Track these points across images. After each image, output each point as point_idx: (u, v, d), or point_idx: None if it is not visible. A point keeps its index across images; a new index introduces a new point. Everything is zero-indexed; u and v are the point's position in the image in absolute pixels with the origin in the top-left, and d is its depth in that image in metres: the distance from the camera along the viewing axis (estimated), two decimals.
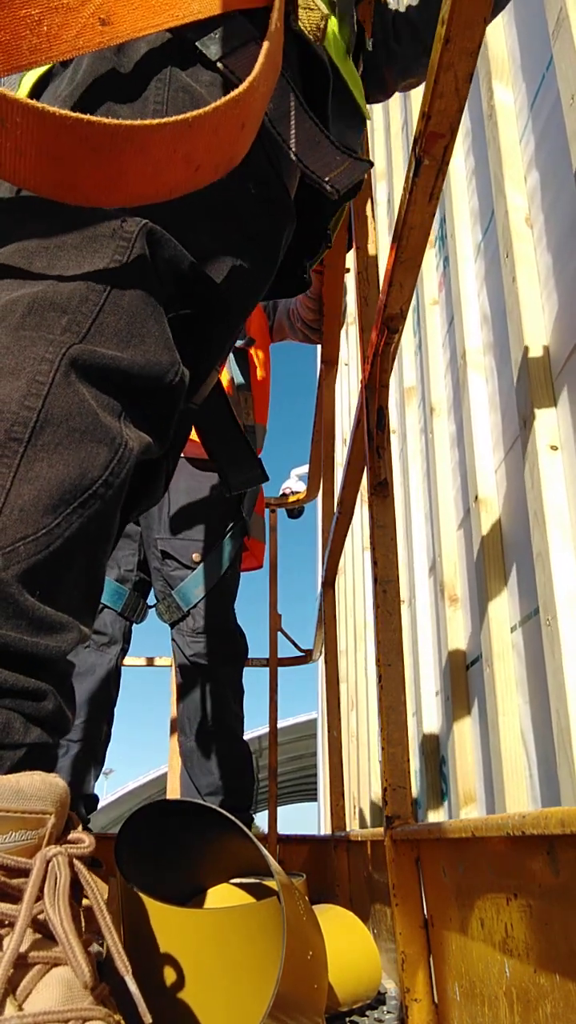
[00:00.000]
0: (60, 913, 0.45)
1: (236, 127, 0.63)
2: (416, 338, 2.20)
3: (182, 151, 0.58)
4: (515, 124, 1.32)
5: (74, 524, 0.59)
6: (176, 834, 0.89)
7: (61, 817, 0.50)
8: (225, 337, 0.81)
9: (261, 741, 9.68)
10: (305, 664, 2.95)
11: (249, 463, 1.22)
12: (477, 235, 1.60)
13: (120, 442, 0.63)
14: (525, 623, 1.21)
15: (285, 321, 2.07)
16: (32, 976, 0.44)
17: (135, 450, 0.65)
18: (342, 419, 4.20)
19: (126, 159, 0.56)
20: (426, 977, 0.79)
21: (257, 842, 0.76)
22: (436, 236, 1.96)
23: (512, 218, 1.24)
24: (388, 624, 0.95)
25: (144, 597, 1.84)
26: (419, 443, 2.13)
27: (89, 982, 0.44)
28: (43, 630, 0.57)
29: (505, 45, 1.40)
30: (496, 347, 1.44)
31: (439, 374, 1.89)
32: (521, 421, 1.15)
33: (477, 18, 0.61)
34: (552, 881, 0.49)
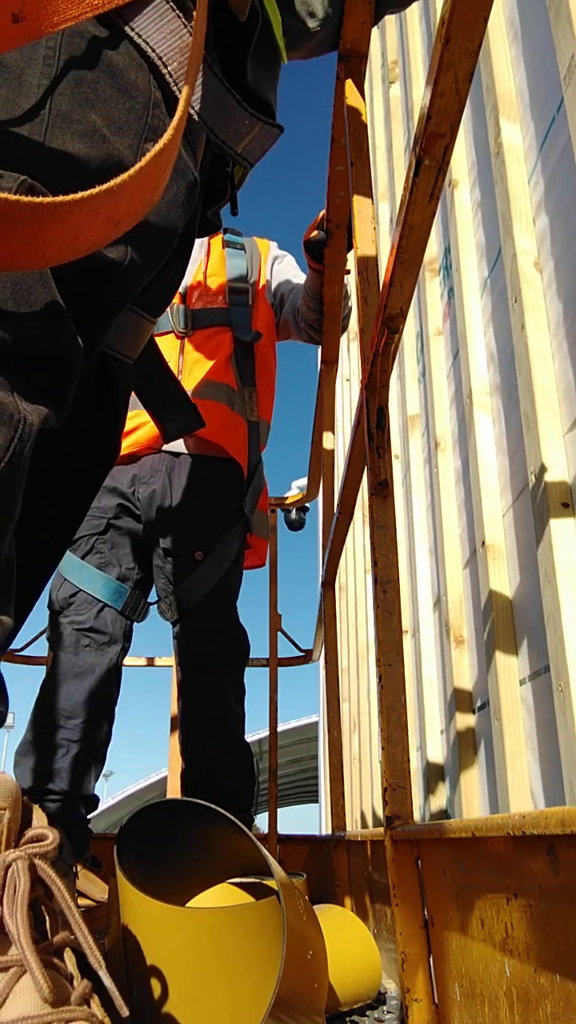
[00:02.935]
0: (18, 924, 0.44)
1: (160, 172, 0.60)
2: (420, 366, 2.16)
3: (103, 215, 0.56)
4: (523, 163, 1.29)
5: None
6: (176, 834, 0.89)
7: (15, 811, 0.49)
8: (121, 300, 0.78)
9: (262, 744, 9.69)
10: (305, 664, 2.95)
11: (183, 410, 1.20)
12: (483, 270, 1.56)
13: (19, 418, 0.60)
14: (535, 678, 1.17)
15: (290, 320, 2.07)
16: (7, 981, 0.43)
17: (35, 424, 0.62)
18: (343, 420, 4.20)
19: (44, 231, 0.53)
20: (426, 977, 0.79)
21: (257, 842, 0.76)
22: (440, 265, 1.92)
23: (520, 262, 1.21)
24: (388, 624, 0.95)
25: (145, 595, 1.84)
26: (423, 473, 2.09)
27: (48, 996, 0.43)
28: None
29: (513, 82, 1.36)
30: (503, 389, 1.41)
31: (444, 406, 1.85)
32: (531, 476, 1.11)
33: (477, 18, 0.61)
34: (552, 881, 0.49)
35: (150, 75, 0.74)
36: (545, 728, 1.12)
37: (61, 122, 0.66)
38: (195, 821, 0.87)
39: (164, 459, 1.82)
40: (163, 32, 0.72)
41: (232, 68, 0.85)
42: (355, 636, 3.59)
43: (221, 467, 1.83)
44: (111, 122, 0.69)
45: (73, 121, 0.67)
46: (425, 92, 0.70)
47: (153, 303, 0.93)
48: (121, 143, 0.70)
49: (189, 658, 1.76)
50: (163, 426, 1.22)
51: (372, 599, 1.10)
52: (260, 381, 1.96)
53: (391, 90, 2.61)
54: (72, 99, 0.67)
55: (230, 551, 1.80)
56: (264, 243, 2.16)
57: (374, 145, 2.88)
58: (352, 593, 3.77)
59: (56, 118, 0.66)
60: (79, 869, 1.67)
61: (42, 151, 0.65)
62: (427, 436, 2.01)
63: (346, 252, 1.79)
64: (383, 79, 2.79)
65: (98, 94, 0.69)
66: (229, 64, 0.85)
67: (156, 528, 1.78)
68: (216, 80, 0.80)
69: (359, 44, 1.36)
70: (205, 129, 0.81)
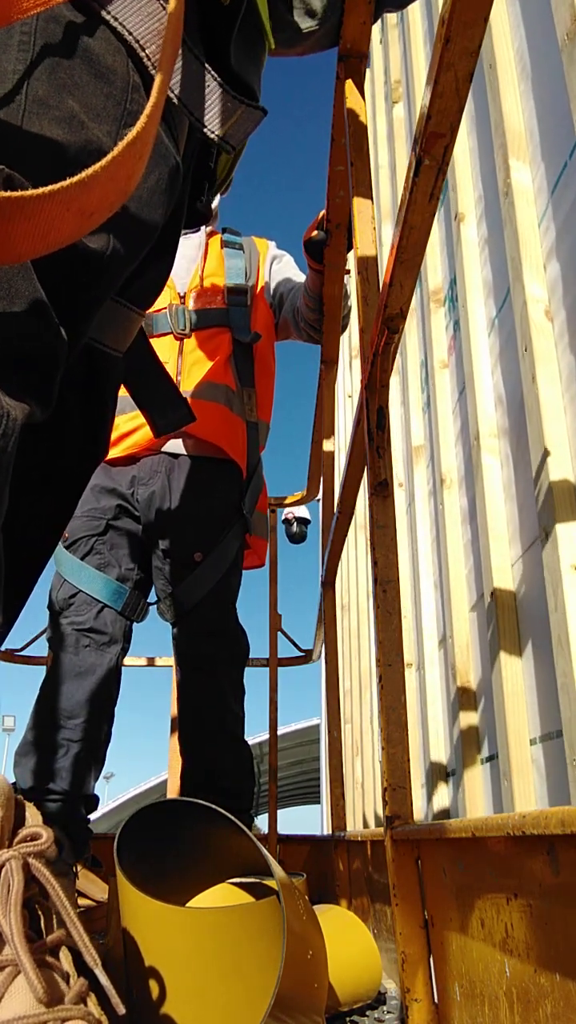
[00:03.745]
0: (12, 925, 0.44)
1: (133, 162, 0.59)
2: (424, 395, 2.12)
3: (75, 208, 0.55)
4: (533, 206, 1.25)
5: None
6: (176, 834, 0.89)
7: (8, 810, 0.49)
8: (104, 291, 0.77)
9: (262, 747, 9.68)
10: (305, 664, 2.95)
11: (174, 405, 1.19)
12: (491, 309, 1.52)
13: (2, 413, 0.60)
14: (546, 740, 1.14)
15: (290, 320, 2.06)
16: (3, 980, 0.43)
17: (19, 419, 0.62)
18: (344, 420, 4.20)
19: (14, 226, 0.52)
20: (426, 977, 0.79)
21: (257, 842, 0.76)
22: (446, 296, 1.90)
23: (531, 310, 1.16)
24: (388, 624, 0.95)
25: (145, 596, 1.84)
26: (428, 506, 2.06)
27: (43, 996, 0.43)
28: None
29: (522, 119, 1.32)
30: (512, 434, 1.36)
31: (449, 442, 1.81)
32: (542, 533, 1.07)
33: (477, 18, 0.61)
34: (552, 881, 0.49)
35: (128, 59, 0.72)
36: (557, 789, 1.08)
37: (38, 108, 0.65)
38: (195, 821, 0.87)
39: (163, 460, 1.82)
40: (140, 15, 0.71)
41: (215, 51, 0.83)
42: (357, 636, 3.59)
43: (220, 468, 1.83)
44: (89, 108, 0.68)
45: (50, 107, 0.65)
46: (425, 92, 0.70)
47: (141, 295, 0.91)
48: (99, 129, 0.69)
49: (188, 659, 1.76)
50: (153, 421, 1.21)
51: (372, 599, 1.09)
52: (259, 382, 1.96)
53: (395, 110, 2.59)
54: (49, 85, 0.66)
55: (229, 552, 1.80)
56: (263, 243, 2.16)
57: (376, 164, 2.86)
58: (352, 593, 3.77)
59: (32, 104, 0.65)
60: (79, 869, 1.67)
61: (19, 138, 0.64)
62: (432, 468, 1.97)
63: (346, 252, 1.78)
64: (386, 96, 2.77)
65: (75, 79, 0.68)
66: (212, 47, 0.83)
67: (155, 529, 1.78)
68: (197, 63, 0.78)
69: (359, 44, 1.36)
70: (185, 113, 0.79)
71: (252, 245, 2.13)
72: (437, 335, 1.91)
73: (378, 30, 3.10)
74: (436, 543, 1.92)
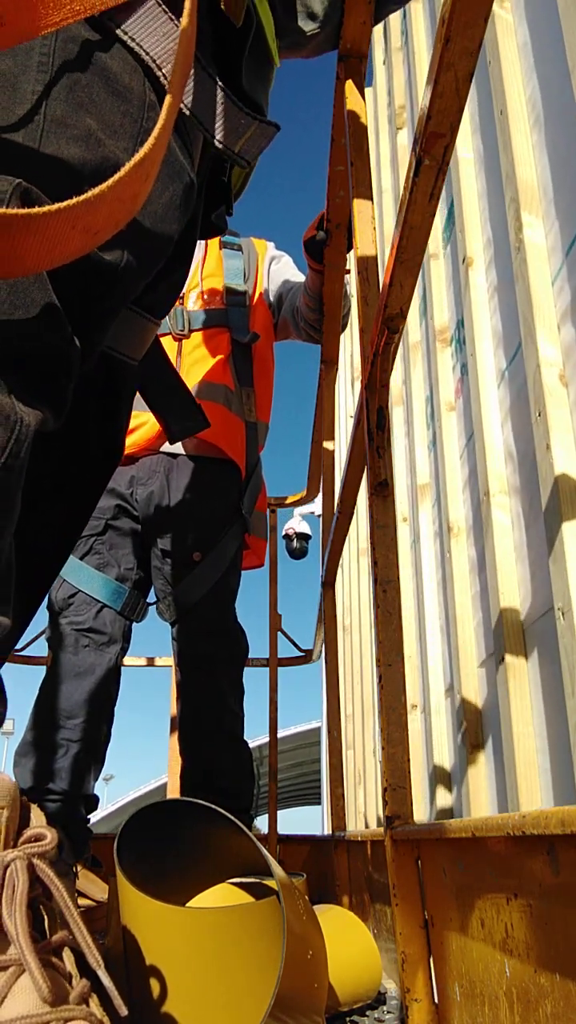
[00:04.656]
0: (16, 925, 0.44)
1: (140, 183, 0.60)
2: (430, 432, 2.07)
3: (81, 225, 0.55)
4: (547, 264, 1.20)
5: None
6: (176, 834, 0.89)
7: (13, 811, 0.49)
8: (118, 302, 0.78)
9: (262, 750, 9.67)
10: (305, 664, 2.95)
11: (189, 411, 1.20)
12: (500, 360, 1.47)
13: (15, 419, 0.60)
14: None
15: (289, 320, 2.06)
16: (6, 980, 0.43)
17: (32, 424, 0.62)
18: (344, 420, 4.20)
19: (20, 241, 0.53)
20: (426, 977, 0.79)
21: (257, 842, 0.76)
22: (452, 337, 1.87)
23: (544, 374, 1.11)
24: (388, 624, 0.95)
25: (144, 596, 1.84)
26: (434, 547, 2.01)
27: (48, 996, 0.43)
28: None
29: (535, 172, 1.28)
30: (524, 494, 1.32)
31: (456, 488, 1.75)
32: (558, 614, 1.03)
33: (477, 18, 0.61)
34: (552, 881, 0.49)
35: (144, 78, 0.74)
36: None
37: (56, 127, 0.66)
38: (195, 821, 0.87)
39: (162, 460, 1.82)
40: (156, 35, 0.72)
41: (227, 71, 0.86)
42: (359, 636, 3.59)
43: (219, 468, 1.83)
44: (106, 126, 0.70)
45: (68, 126, 0.67)
46: (425, 92, 0.70)
47: (156, 305, 0.93)
48: (116, 146, 0.70)
49: (187, 659, 1.76)
50: (169, 428, 1.22)
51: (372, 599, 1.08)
52: (258, 382, 1.96)
53: (399, 136, 2.58)
54: (67, 104, 0.67)
55: (228, 552, 1.80)
56: (261, 243, 2.16)
57: (379, 188, 2.85)
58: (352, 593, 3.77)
59: (51, 123, 0.66)
60: (79, 869, 1.67)
61: (37, 157, 0.65)
62: (438, 511, 1.92)
63: (346, 252, 1.79)
64: (389, 119, 2.76)
65: (92, 97, 0.69)
66: (224, 67, 0.86)
67: (154, 529, 1.78)
68: (210, 81, 0.80)
69: (359, 44, 1.36)
70: (200, 129, 0.81)
71: (251, 246, 2.13)
72: (444, 374, 1.87)
73: (381, 51, 3.08)
74: (442, 588, 1.87)
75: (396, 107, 2.60)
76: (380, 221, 2.82)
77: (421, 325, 2.23)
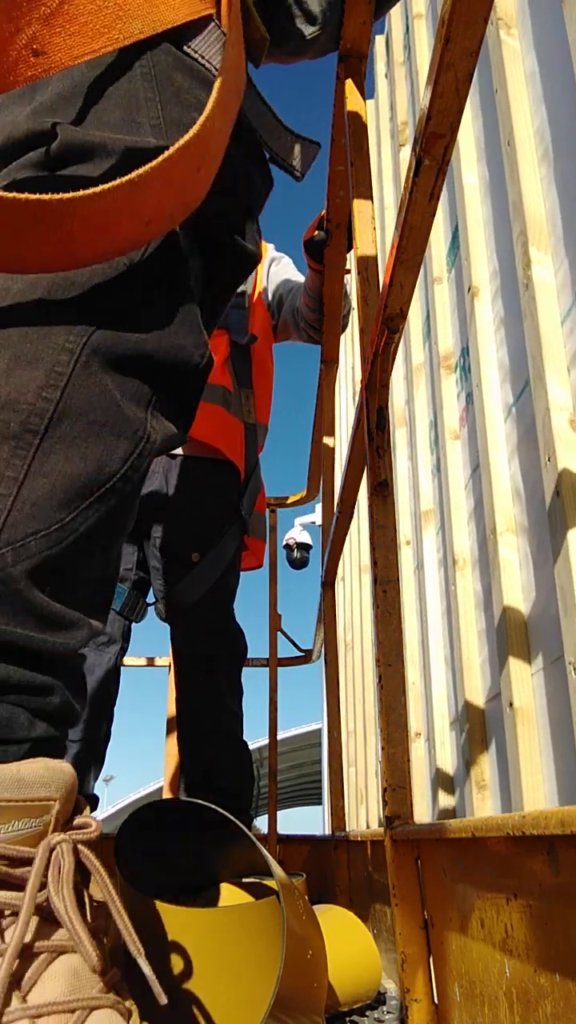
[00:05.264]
0: (65, 900, 0.45)
1: (191, 172, 0.60)
2: (434, 457, 2.06)
3: (128, 210, 0.56)
4: (556, 302, 1.17)
5: (90, 519, 0.58)
6: (175, 834, 0.89)
7: (67, 803, 0.50)
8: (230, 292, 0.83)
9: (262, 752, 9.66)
10: (305, 664, 2.95)
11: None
12: (507, 395, 1.44)
13: (142, 435, 0.62)
14: None
15: (290, 321, 2.06)
16: (37, 966, 0.44)
17: (157, 442, 0.64)
18: (344, 420, 4.20)
19: (71, 231, 0.53)
20: (426, 977, 0.79)
21: (256, 842, 0.76)
22: (456, 364, 1.85)
23: (554, 417, 1.09)
24: (388, 624, 0.95)
25: (143, 596, 1.84)
26: (438, 575, 1.99)
27: (97, 966, 0.44)
28: (52, 627, 0.57)
29: (543, 206, 1.25)
30: (532, 534, 1.29)
31: (462, 519, 1.73)
32: (570, 668, 1.01)
33: (477, 18, 0.61)
34: (552, 881, 0.49)
35: None
36: None
37: (176, 129, 0.68)
38: (194, 821, 0.87)
39: (161, 461, 1.82)
40: (213, 48, 0.74)
41: None
42: (361, 635, 3.59)
43: (218, 469, 1.83)
44: None
45: (185, 125, 0.69)
46: (425, 92, 0.70)
47: None
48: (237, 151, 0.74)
49: (186, 659, 1.76)
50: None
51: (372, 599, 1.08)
52: (257, 383, 1.96)
53: (401, 152, 2.57)
54: (179, 106, 0.70)
55: (227, 552, 1.80)
56: (261, 245, 2.16)
57: (382, 204, 2.84)
58: (352, 593, 3.77)
59: (171, 125, 0.69)
60: None
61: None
62: (443, 539, 1.90)
63: (346, 252, 1.79)
64: (392, 133, 2.74)
65: (197, 98, 0.72)
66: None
67: (153, 529, 1.78)
68: (258, 97, 0.82)
69: (359, 44, 1.36)
70: (264, 145, 0.84)
71: None
72: (448, 401, 1.85)
73: (384, 65, 3.07)
74: (447, 619, 1.84)
75: (399, 123, 2.58)
76: (381, 234, 2.82)
77: (425, 347, 2.21)
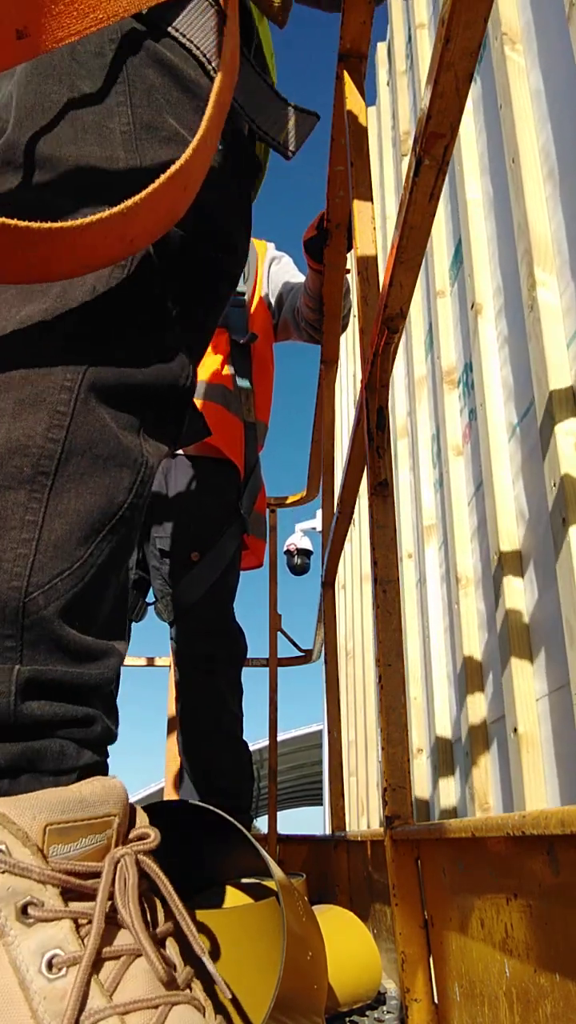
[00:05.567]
0: (130, 911, 0.48)
1: (178, 192, 0.60)
2: (436, 471, 2.05)
3: (115, 235, 0.56)
4: (561, 325, 1.16)
5: (105, 551, 0.59)
6: (174, 835, 0.89)
7: (125, 815, 0.53)
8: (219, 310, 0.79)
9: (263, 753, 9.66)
10: (305, 664, 2.95)
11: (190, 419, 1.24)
12: (511, 414, 1.43)
13: (142, 461, 0.63)
14: None
15: (290, 320, 2.06)
16: (118, 969, 0.47)
17: (154, 465, 0.65)
18: (344, 420, 4.20)
19: (53, 252, 0.53)
20: (426, 977, 0.79)
21: (256, 843, 0.76)
22: (460, 379, 1.84)
23: (560, 442, 1.08)
24: (388, 624, 0.95)
25: (143, 596, 1.84)
26: (441, 590, 1.98)
27: (163, 976, 0.47)
28: (86, 659, 0.58)
29: (549, 227, 1.23)
30: (537, 557, 1.28)
31: (464, 537, 1.71)
32: (575, 696, 1.01)
33: (477, 18, 0.61)
34: (552, 881, 0.49)
35: (201, 71, 0.74)
36: None
37: (147, 133, 0.67)
38: (194, 822, 0.87)
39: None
40: (204, 29, 0.72)
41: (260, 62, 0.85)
42: (361, 636, 3.58)
43: (218, 468, 1.83)
44: (184, 123, 0.70)
45: (156, 129, 0.68)
46: (425, 92, 0.70)
47: None
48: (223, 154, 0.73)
49: (186, 659, 1.76)
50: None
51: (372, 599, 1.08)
52: (257, 382, 1.96)
53: (403, 163, 2.56)
54: (150, 108, 0.68)
55: (227, 552, 1.80)
56: (261, 244, 2.16)
57: (384, 214, 2.84)
58: (352, 593, 3.77)
59: (142, 130, 0.67)
60: None
61: (136, 165, 0.66)
62: (445, 555, 1.89)
63: (346, 252, 1.78)
64: (393, 142, 2.74)
65: (168, 98, 0.70)
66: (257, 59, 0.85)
67: (152, 529, 1.78)
68: (251, 68, 0.79)
69: (359, 44, 1.36)
70: (247, 120, 0.81)
71: (251, 246, 2.13)
72: (451, 416, 1.84)
73: (385, 72, 3.06)
74: (450, 636, 1.83)
75: (401, 132, 2.58)
76: (382, 236, 2.81)
77: (427, 360, 2.21)
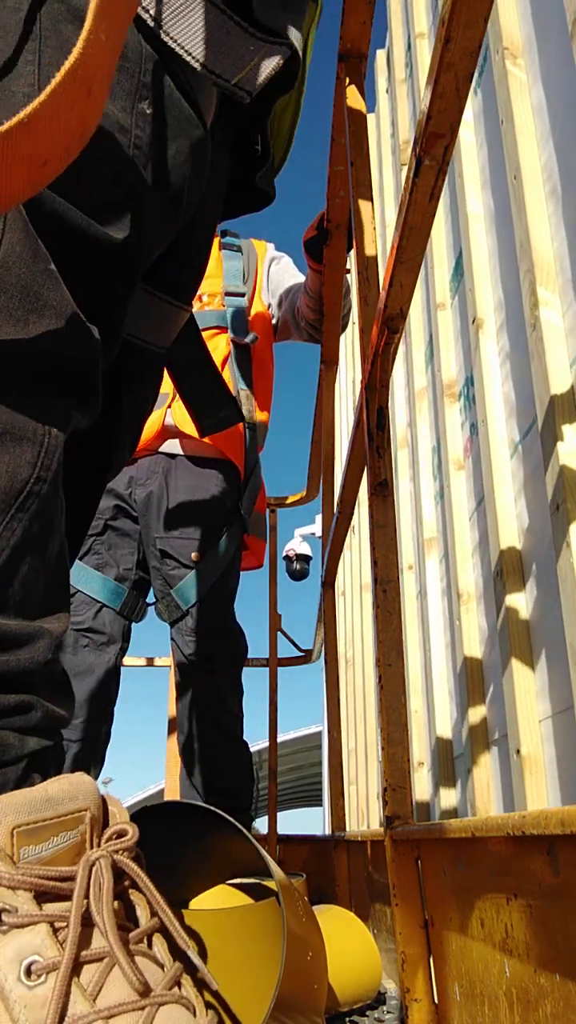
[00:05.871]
0: (104, 918, 0.47)
1: (82, 97, 0.52)
2: (437, 483, 2.03)
3: (22, 153, 0.49)
4: (564, 345, 1.14)
5: (17, 531, 0.56)
6: (174, 835, 0.89)
7: (98, 810, 0.52)
8: (131, 279, 0.72)
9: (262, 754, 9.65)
10: (305, 664, 2.95)
11: (222, 404, 1.13)
12: (514, 432, 1.41)
13: (43, 432, 0.58)
14: None
15: (290, 320, 2.06)
16: (100, 971, 0.46)
17: (60, 435, 0.60)
18: (344, 420, 4.20)
19: None
20: (426, 977, 0.79)
21: (256, 843, 0.76)
22: (460, 393, 1.83)
23: (564, 462, 1.07)
24: (388, 624, 0.95)
25: (143, 596, 1.84)
26: (442, 604, 1.97)
27: (137, 985, 0.46)
28: (10, 646, 0.55)
29: (552, 245, 1.21)
30: (541, 581, 1.26)
31: (466, 552, 1.70)
32: None
33: (477, 18, 0.61)
34: (552, 881, 0.49)
35: (135, 28, 0.67)
36: None
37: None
38: (193, 822, 0.87)
39: (160, 461, 1.82)
40: None
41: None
42: (360, 636, 3.58)
43: (218, 469, 1.83)
44: None
45: None
46: (425, 92, 0.70)
47: (181, 289, 0.87)
48: (114, 106, 0.64)
49: (186, 659, 1.76)
50: (199, 420, 1.17)
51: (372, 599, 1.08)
52: (257, 383, 1.96)
53: (402, 172, 2.55)
54: (61, 56, 0.60)
55: (227, 552, 1.80)
56: (261, 244, 2.16)
57: (383, 222, 2.83)
58: (352, 593, 3.77)
59: (46, 83, 0.58)
60: None
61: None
62: (446, 568, 1.88)
63: (346, 252, 1.79)
64: (393, 150, 2.73)
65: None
66: None
67: (153, 529, 1.78)
68: (210, 5, 0.70)
69: (359, 44, 1.36)
70: (182, 51, 0.70)
71: (251, 247, 2.13)
72: (452, 429, 1.83)
73: (384, 80, 3.06)
74: (451, 651, 1.82)
75: (400, 141, 2.57)
76: (382, 237, 2.81)
77: (427, 372, 2.20)
